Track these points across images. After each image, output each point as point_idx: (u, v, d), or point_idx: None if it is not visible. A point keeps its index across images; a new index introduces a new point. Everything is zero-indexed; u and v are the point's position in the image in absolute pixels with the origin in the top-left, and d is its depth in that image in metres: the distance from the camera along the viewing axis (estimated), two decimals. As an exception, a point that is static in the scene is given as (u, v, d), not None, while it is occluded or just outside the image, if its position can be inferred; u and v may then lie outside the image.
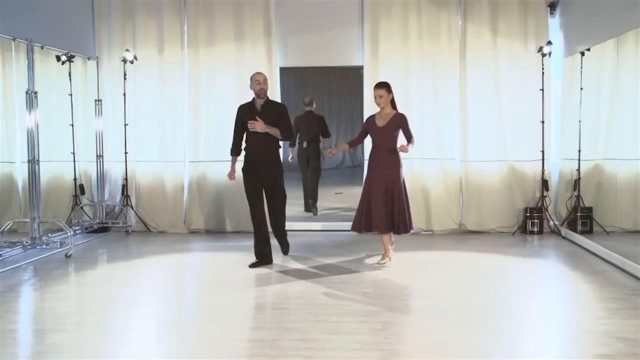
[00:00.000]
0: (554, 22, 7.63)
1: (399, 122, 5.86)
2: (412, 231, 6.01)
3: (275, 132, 5.85)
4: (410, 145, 5.78)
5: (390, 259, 6.00)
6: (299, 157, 9.16)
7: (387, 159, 5.85)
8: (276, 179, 5.99)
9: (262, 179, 5.94)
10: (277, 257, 6.15)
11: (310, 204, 9.02)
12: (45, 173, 6.91)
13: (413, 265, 6.02)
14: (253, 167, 5.92)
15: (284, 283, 5.42)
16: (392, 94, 5.92)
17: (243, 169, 5.99)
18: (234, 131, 6.05)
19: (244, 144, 6.03)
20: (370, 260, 6.13)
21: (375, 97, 5.88)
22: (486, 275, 5.63)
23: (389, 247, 6.01)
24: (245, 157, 5.99)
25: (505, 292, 5.06)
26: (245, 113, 5.91)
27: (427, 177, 7.68)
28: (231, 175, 6.15)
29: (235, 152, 6.08)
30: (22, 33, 6.47)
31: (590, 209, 7.11)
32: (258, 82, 5.88)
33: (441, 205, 7.68)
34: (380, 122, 5.90)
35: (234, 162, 6.11)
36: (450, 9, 7.62)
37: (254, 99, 5.95)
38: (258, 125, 5.77)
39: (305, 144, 8.95)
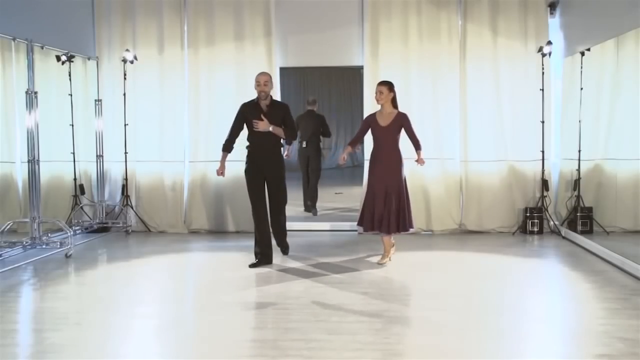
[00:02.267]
0: (554, 22, 7.63)
1: (402, 121, 5.89)
2: (412, 230, 6.01)
3: (279, 131, 5.86)
4: (421, 153, 5.90)
5: (390, 260, 6.00)
6: (299, 156, 9.18)
7: (389, 159, 5.87)
8: (280, 178, 5.99)
9: (266, 178, 5.94)
10: (277, 257, 6.15)
11: (310, 205, 9.01)
12: (45, 173, 6.90)
13: (413, 265, 6.01)
14: (257, 167, 5.92)
15: (284, 283, 5.41)
16: (395, 93, 5.93)
17: (246, 170, 5.97)
18: (232, 128, 6.01)
19: (246, 143, 6.02)
20: (370, 260, 6.13)
21: (376, 93, 5.90)
22: (486, 275, 5.62)
23: (389, 248, 6.02)
24: (249, 156, 5.98)
25: (505, 292, 5.06)
26: (250, 112, 5.89)
27: (427, 177, 7.68)
28: (220, 171, 6.01)
29: (227, 148, 6.00)
30: (22, 33, 6.47)
31: (590, 209, 7.11)
32: (258, 83, 5.86)
33: (441, 205, 7.68)
34: (382, 122, 5.90)
35: (224, 158, 6.02)
36: (450, 9, 7.62)
37: (258, 98, 5.95)
38: (262, 125, 5.77)
39: (304, 144, 8.96)
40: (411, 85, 7.63)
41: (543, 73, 7.44)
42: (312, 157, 9.01)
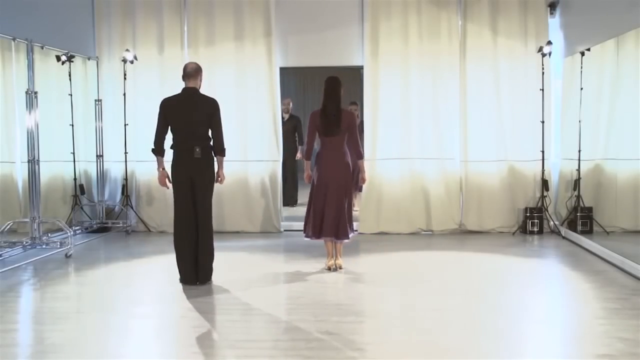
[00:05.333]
0: (554, 22, 7.63)
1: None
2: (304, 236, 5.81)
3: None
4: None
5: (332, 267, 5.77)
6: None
7: None
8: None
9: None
10: (278, 257, 6.14)
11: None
12: (45, 173, 6.91)
13: (413, 265, 6.02)
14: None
15: (284, 283, 5.42)
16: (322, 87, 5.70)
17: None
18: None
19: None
20: (370, 260, 6.13)
21: None
22: (486, 275, 5.62)
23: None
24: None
25: (505, 292, 5.06)
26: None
27: (427, 177, 7.68)
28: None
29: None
30: (22, 33, 6.47)
31: (590, 209, 7.10)
32: None
33: (441, 205, 7.68)
34: None
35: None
36: (450, 9, 7.62)
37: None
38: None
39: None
40: (411, 85, 7.63)
41: (543, 73, 7.44)
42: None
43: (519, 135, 7.60)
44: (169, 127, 5.30)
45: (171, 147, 5.33)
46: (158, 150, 5.35)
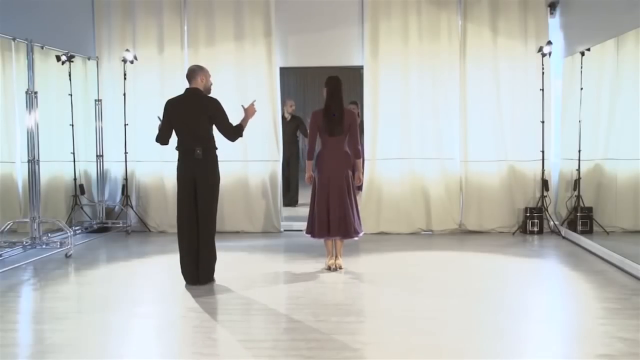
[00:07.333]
0: (554, 22, 7.63)
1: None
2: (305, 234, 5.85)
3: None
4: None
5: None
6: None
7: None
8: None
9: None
10: (278, 257, 6.14)
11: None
12: (45, 173, 6.91)
13: (413, 265, 6.02)
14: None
15: (284, 283, 5.42)
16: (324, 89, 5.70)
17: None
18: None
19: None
20: (370, 260, 6.13)
21: None
22: (486, 275, 5.62)
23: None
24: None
25: (505, 292, 5.06)
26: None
27: (427, 177, 7.68)
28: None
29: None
30: (22, 33, 6.48)
31: (590, 209, 7.10)
32: None
33: (441, 205, 7.68)
34: None
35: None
36: (450, 9, 7.62)
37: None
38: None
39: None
40: (411, 85, 7.63)
41: (543, 73, 7.44)
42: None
43: (519, 135, 7.60)
44: (173, 128, 5.34)
45: (176, 148, 5.34)
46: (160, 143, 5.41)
